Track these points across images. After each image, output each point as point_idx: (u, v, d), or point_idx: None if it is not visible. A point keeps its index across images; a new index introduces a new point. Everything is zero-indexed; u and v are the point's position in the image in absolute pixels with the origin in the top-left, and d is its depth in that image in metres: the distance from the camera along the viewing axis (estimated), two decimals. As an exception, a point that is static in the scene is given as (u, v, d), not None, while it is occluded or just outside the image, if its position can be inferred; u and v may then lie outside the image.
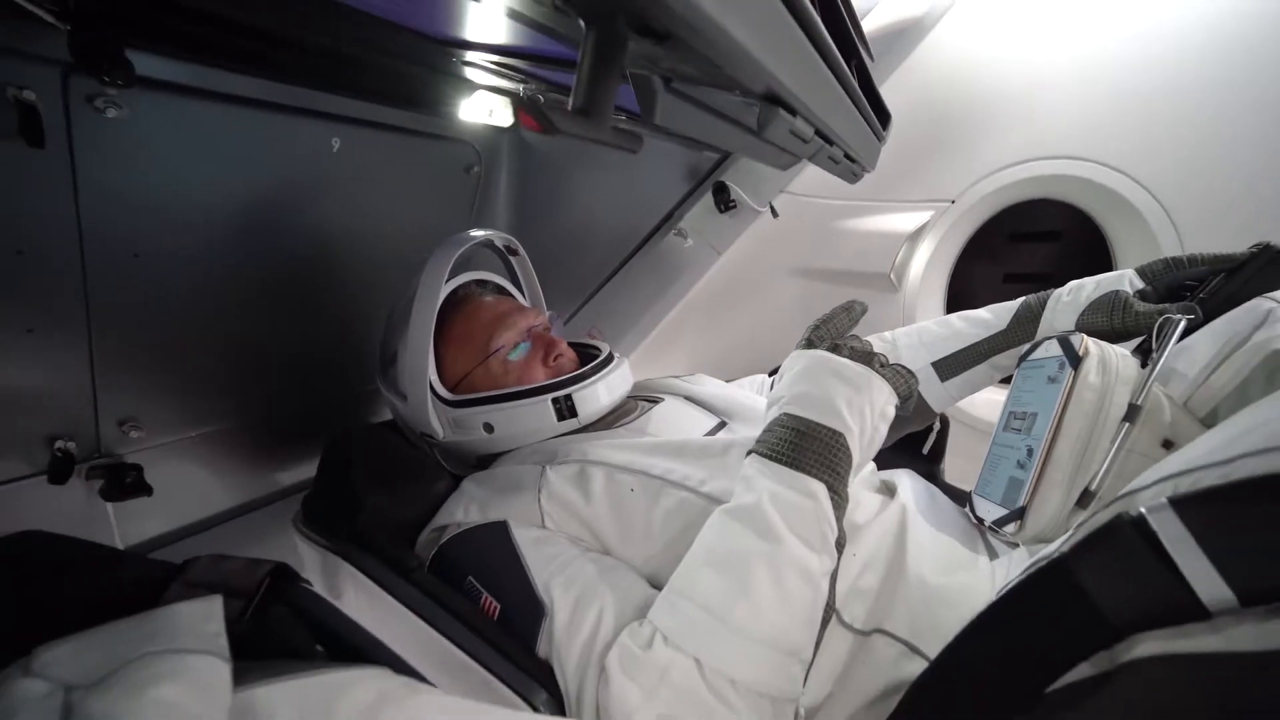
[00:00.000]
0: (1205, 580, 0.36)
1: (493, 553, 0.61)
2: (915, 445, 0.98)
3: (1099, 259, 1.45)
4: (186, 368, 0.87)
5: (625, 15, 0.30)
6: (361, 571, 0.59)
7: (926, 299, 1.51)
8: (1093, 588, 0.41)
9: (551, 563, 0.58)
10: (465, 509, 0.68)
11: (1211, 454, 0.38)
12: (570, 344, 0.92)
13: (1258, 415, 0.42)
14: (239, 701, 0.37)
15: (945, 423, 0.99)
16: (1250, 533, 0.37)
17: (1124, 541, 0.38)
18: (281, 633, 0.50)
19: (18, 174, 0.62)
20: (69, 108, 0.63)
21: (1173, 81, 1.27)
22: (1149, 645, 0.39)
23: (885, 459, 0.93)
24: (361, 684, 0.38)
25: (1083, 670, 0.42)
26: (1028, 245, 1.54)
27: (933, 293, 1.53)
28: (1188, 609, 0.36)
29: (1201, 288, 0.72)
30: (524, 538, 0.61)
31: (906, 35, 1.30)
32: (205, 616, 0.43)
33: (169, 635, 0.39)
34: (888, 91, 1.34)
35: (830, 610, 0.53)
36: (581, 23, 0.31)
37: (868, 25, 1.30)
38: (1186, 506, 0.35)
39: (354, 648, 0.50)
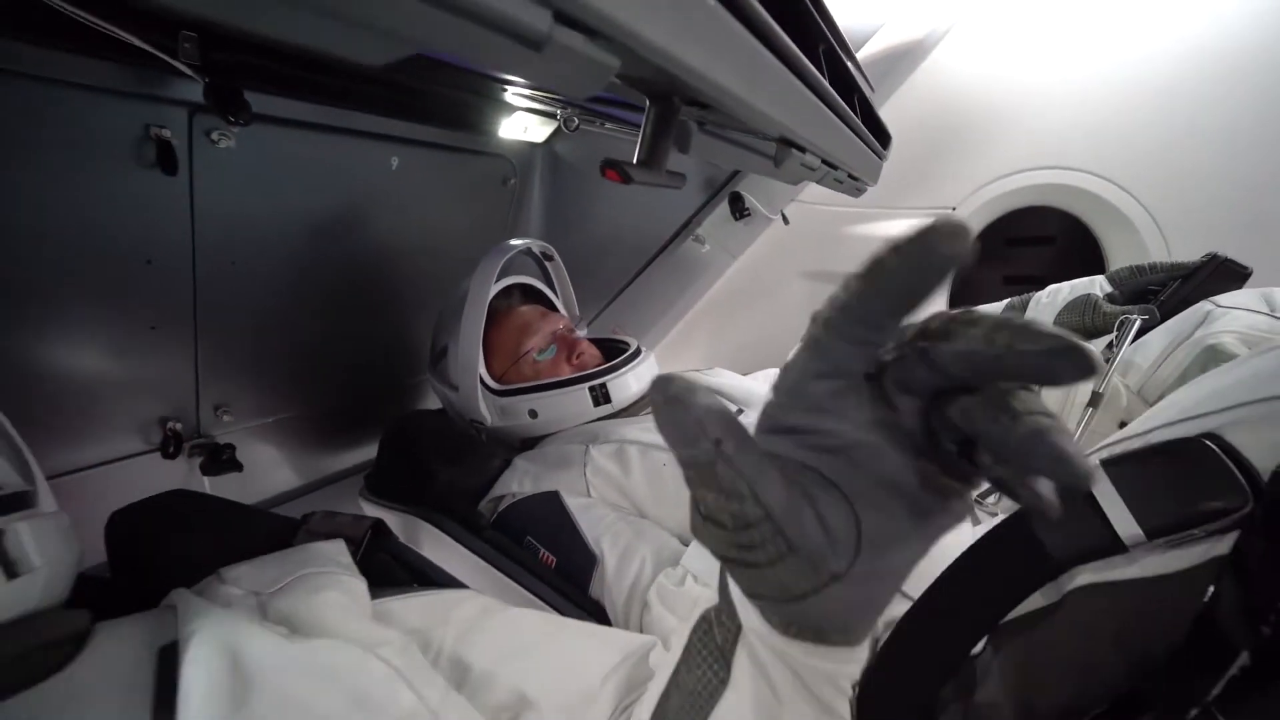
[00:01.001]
0: (1123, 521, 0.46)
1: (548, 516, 0.72)
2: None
3: (1092, 262, 1.54)
4: (267, 361, 0.99)
5: (679, 94, 0.41)
6: (440, 530, 0.70)
7: (929, 300, 1.60)
8: (1042, 533, 0.51)
9: (599, 523, 0.70)
10: (520, 481, 0.79)
11: (1137, 426, 0.49)
12: (598, 340, 1.03)
13: (1176, 396, 0.53)
14: (377, 609, 0.48)
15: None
16: (1155, 483, 0.47)
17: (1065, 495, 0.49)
18: (385, 572, 0.62)
19: (152, 197, 0.74)
20: (192, 141, 0.75)
21: (1159, 95, 1.36)
22: (1085, 576, 0.49)
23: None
24: (468, 600, 0.50)
25: (1036, 601, 0.53)
26: (1024, 249, 1.63)
27: (936, 298, 1.62)
28: (1111, 545, 0.47)
29: (1162, 291, 0.82)
30: (574, 504, 0.72)
31: (909, 56, 1.40)
32: (338, 552, 0.54)
33: (319, 562, 0.50)
34: (892, 108, 1.45)
35: None
36: (646, 100, 0.42)
37: (872, 47, 1.40)
38: (1112, 466, 0.45)
39: (442, 586, 0.62)
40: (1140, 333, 0.73)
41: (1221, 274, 0.77)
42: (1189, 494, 0.45)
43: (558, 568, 0.68)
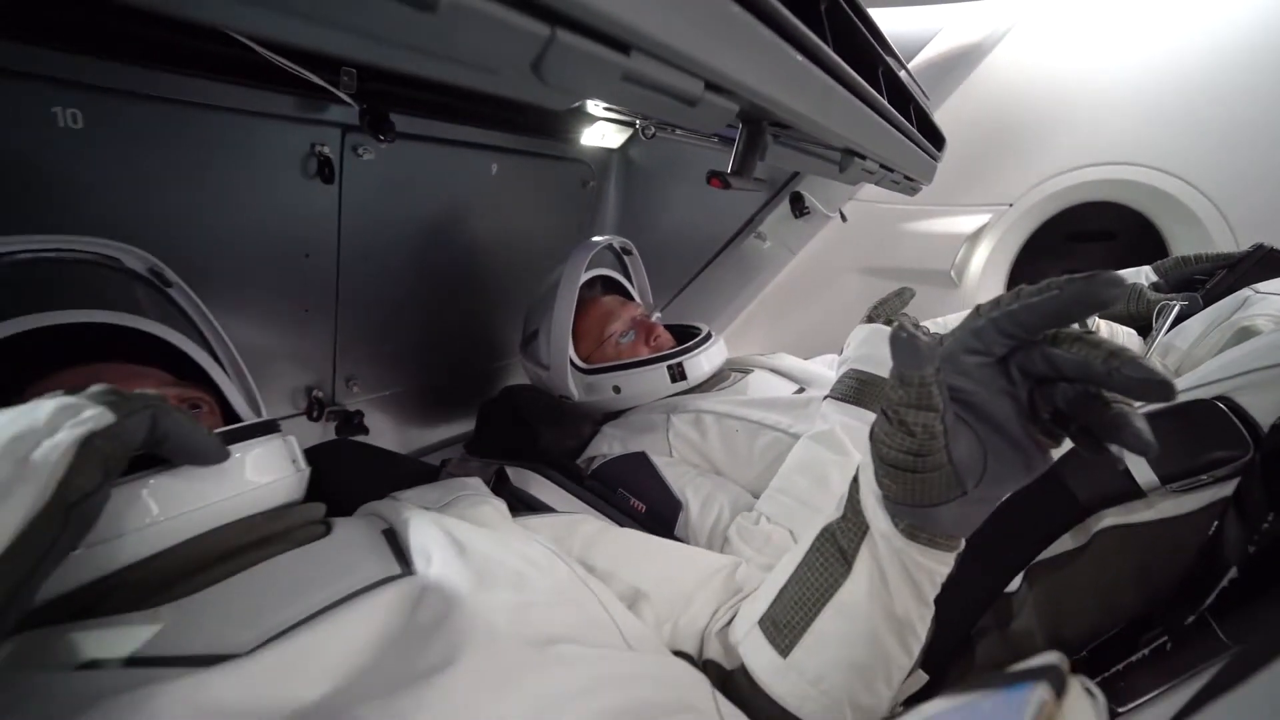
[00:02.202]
0: (1141, 470, 0.54)
1: (637, 472, 0.84)
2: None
3: (1155, 256, 1.54)
4: (387, 341, 1.15)
5: (767, 119, 0.52)
6: (547, 479, 0.83)
7: (986, 295, 1.65)
8: (1071, 481, 0.60)
9: (682, 477, 0.82)
10: (609, 444, 0.92)
11: None
12: (672, 326, 1.15)
13: (1200, 368, 0.60)
14: (517, 524, 0.61)
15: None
16: (1170, 438, 0.56)
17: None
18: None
19: (313, 202, 0.90)
20: (343, 155, 0.90)
21: (1224, 87, 1.36)
22: (1109, 520, 0.58)
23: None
24: (588, 521, 0.62)
25: (1066, 543, 0.61)
26: (1085, 245, 1.65)
27: (993, 289, 1.66)
28: (1131, 491, 0.55)
29: (1209, 280, 0.88)
30: (660, 462, 0.84)
31: (966, 58, 1.46)
32: (479, 484, 0.67)
33: (469, 489, 0.63)
34: (950, 107, 1.50)
35: None
36: (740, 122, 0.53)
37: (931, 51, 1.46)
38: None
39: (554, 520, 0.74)
40: (1182, 318, 0.79)
41: (1268, 263, 0.81)
42: (1199, 446, 0.53)
43: (647, 513, 0.80)
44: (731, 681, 0.48)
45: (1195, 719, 0.27)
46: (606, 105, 0.98)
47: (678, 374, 0.98)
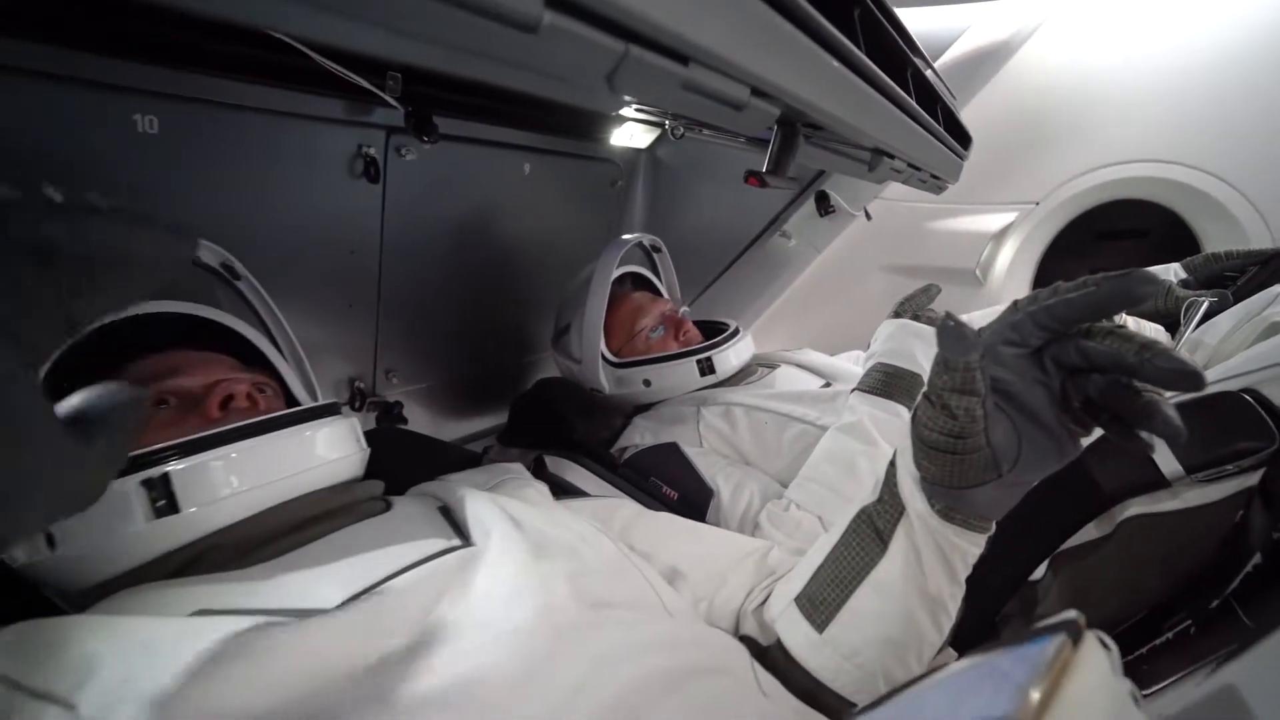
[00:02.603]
0: (1166, 460, 0.56)
1: (669, 461, 0.87)
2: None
3: (1187, 255, 1.53)
4: (423, 336, 1.20)
5: (801, 120, 0.55)
6: (582, 466, 0.87)
7: (1011, 294, 1.65)
8: (1096, 471, 0.61)
9: (714, 466, 0.85)
10: (640, 435, 0.95)
11: None
12: (700, 322, 1.18)
13: (1227, 362, 0.61)
14: (560, 505, 0.64)
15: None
16: (1195, 428, 0.57)
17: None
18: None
19: (359, 200, 0.94)
20: (387, 156, 0.94)
21: (1260, 81, 1.34)
22: (1134, 508, 0.59)
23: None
24: (626, 505, 0.65)
25: (1090, 532, 0.63)
26: (1115, 243, 1.63)
27: (1018, 287, 1.66)
28: (1155, 480, 0.57)
29: (1240, 277, 0.88)
30: (691, 452, 0.87)
31: (993, 56, 1.46)
32: (520, 470, 0.71)
33: (514, 473, 0.67)
34: (976, 105, 1.51)
35: None
36: (775, 125, 0.55)
37: (958, 49, 1.47)
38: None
39: (589, 506, 0.78)
40: (1211, 315, 0.80)
41: (1299, 260, 0.82)
42: (1225, 436, 0.55)
43: (680, 500, 0.83)
44: (767, 656, 0.51)
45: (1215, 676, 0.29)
46: (639, 106, 1.01)
47: (707, 368, 1.01)
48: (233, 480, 0.46)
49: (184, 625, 0.34)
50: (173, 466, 0.43)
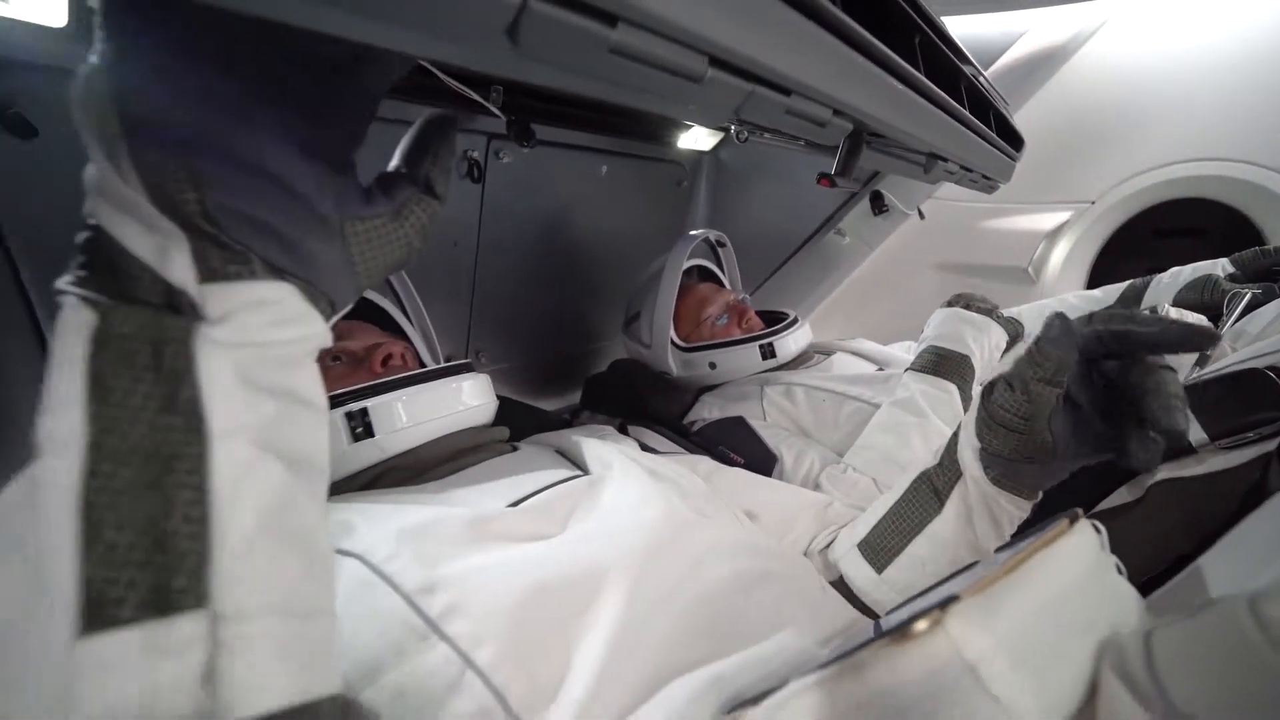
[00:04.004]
0: (1194, 430, 0.63)
1: (736, 432, 0.98)
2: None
3: (1247, 253, 1.53)
4: (506, 321, 1.33)
5: (866, 131, 0.64)
6: (659, 434, 0.98)
7: (1065, 291, 1.67)
8: (1129, 441, 0.68)
9: (776, 436, 0.94)
10: (709, 410, 1.06)
11: (1218, 365, 0.65)
12: (760, 312, 1.27)
13: (1255, 344, 0.68)
14: (646, 460, 0.75)
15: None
16: (1220, 401, 0.64)
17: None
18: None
19: (464, 198, 1.08)
20: (487, 158, 1.08)
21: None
22: (1163, 474, 0.66)
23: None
24: (704, 461, 0.76)
25: (1123, 496, 0.70)
26: (1174, 241, 1.64)
27: (1072, 285, 1.68)
28: (1184, 448, 0.64)
29: (1288, 271, 0.92)
30: (756, 424, 0.97)
31: (1051, 58, 1.50)
32: (613, 431, 0.82)
33: (607, 431, 0.78)
34: (1033, 105, 1.55)
35: None
36: (843, 136, 0.65)
37: (1015, 52, 1.51)
38: (1187, 390, 0.62)
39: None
40: (1256, 306, 0.85)
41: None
42: (1247, 407, 0.61)
43: (746, 465, 0.93)
44: None
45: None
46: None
47: (768, 352, 1.11)
48: (407, 415, 0.59)
49: (402, 500, 0.47)
50: (369, 402, 0.57)
